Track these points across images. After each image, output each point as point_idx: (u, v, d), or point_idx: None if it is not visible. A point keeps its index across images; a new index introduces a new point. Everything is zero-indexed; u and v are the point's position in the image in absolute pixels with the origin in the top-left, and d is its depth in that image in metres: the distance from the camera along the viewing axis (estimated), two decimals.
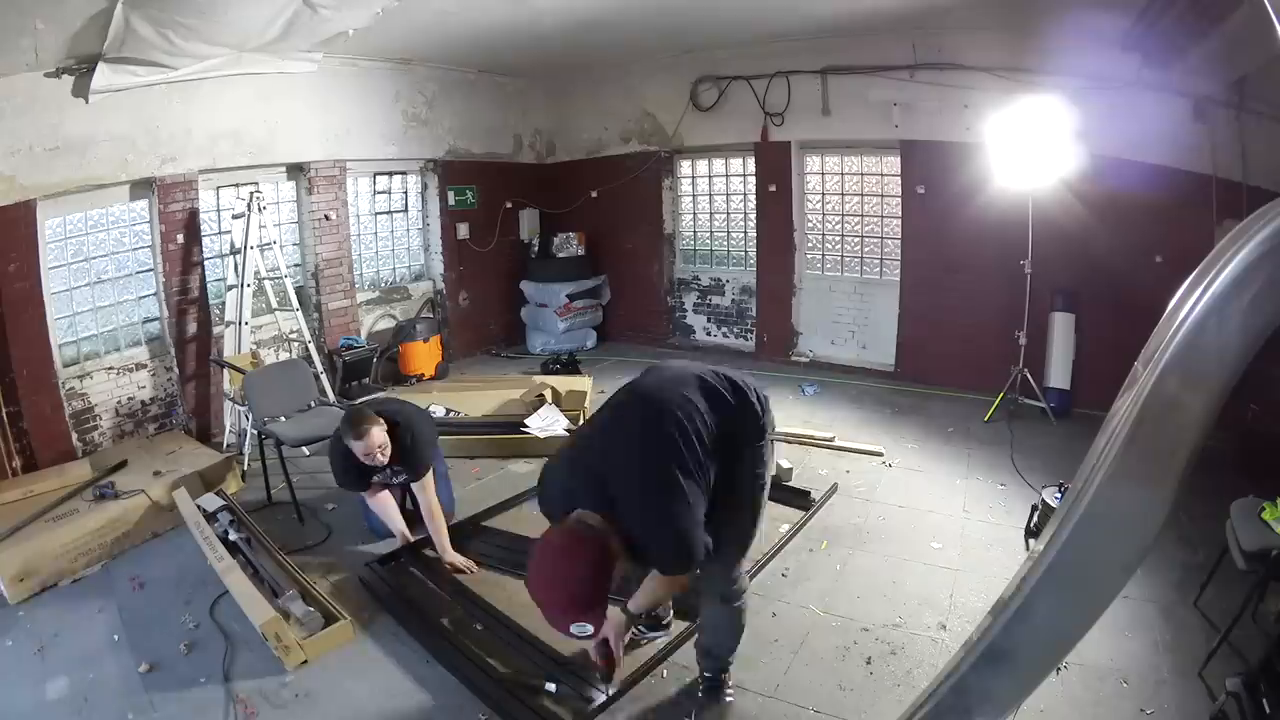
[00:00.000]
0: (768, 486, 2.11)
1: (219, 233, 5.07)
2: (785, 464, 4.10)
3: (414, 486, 3.12)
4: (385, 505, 3.23)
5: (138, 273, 4.65)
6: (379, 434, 2.89)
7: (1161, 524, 1.05)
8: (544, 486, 1.95)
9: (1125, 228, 4.53)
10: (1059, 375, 4.94)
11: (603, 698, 2.31)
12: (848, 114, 5.68)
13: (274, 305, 5.02)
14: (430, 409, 4.26)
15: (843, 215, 6.16)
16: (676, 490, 1.73)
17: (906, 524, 3.49)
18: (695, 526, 1.74)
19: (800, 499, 3.67)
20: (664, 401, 1.86)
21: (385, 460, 2.96)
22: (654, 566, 1.88)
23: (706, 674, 2.33)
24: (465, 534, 3.40)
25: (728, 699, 2.32)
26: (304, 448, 4.26)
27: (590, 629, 1.66)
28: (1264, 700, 1.91)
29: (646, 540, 1.74)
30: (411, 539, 3.27)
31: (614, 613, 1.90)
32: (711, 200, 6.90)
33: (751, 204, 6.52)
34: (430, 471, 3.13)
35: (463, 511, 3.62)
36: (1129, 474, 1.05)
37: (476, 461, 4.35)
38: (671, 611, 2.65)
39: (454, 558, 3.12)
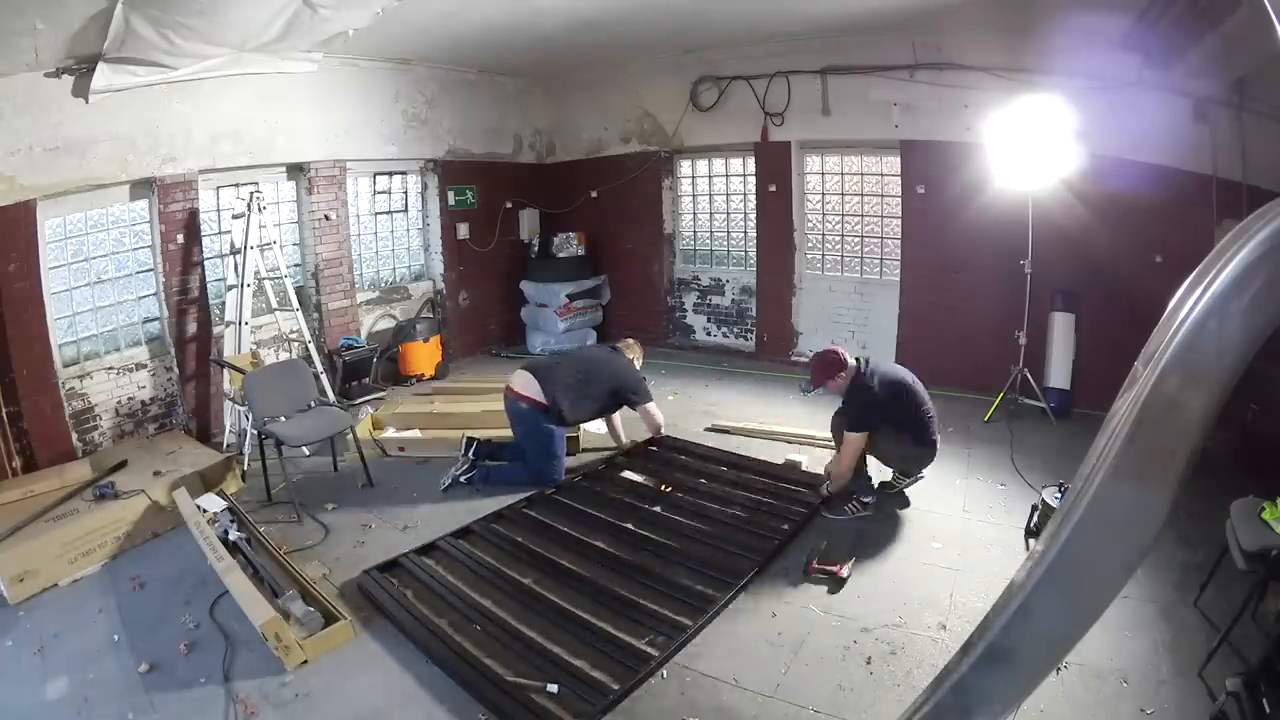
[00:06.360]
0: (900, 448, 3.61)
1: (219, 233, 5.07)
2: (796, 456, 4.19)
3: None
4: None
5: (138, 273, 4.65)
6: None
7: (1161, 524, 1.04)
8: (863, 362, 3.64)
9: (1125, 228, 4.53)
10: (1059, 375, 4.94)
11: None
12: (848, 114, 5.69)
13: (274, 305, 5.02)
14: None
15: (843, 215, 6.16)
16: (871, 398, 3.51)
17: (906, 524, 3.49)
18: (865, 416, 3.50)
19: (807, 494, 3.75)
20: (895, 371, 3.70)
21: None
22: (846, 416, 3.61)
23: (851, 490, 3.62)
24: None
25: (849, 510, 3.54)
26: (304, 448, 4.26)
27: (822, 391, 3.65)
28: (1264, 700, 1.91)
29: (850, 400, 3.59)
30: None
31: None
32: (711, 200, 6.90)
33: (751, 204, 6.52)
34: None
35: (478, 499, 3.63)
36: (1129, 474, 1.05)
37: None
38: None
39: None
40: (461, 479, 3.97)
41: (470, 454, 4.02)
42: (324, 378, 5.11)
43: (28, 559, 3.04)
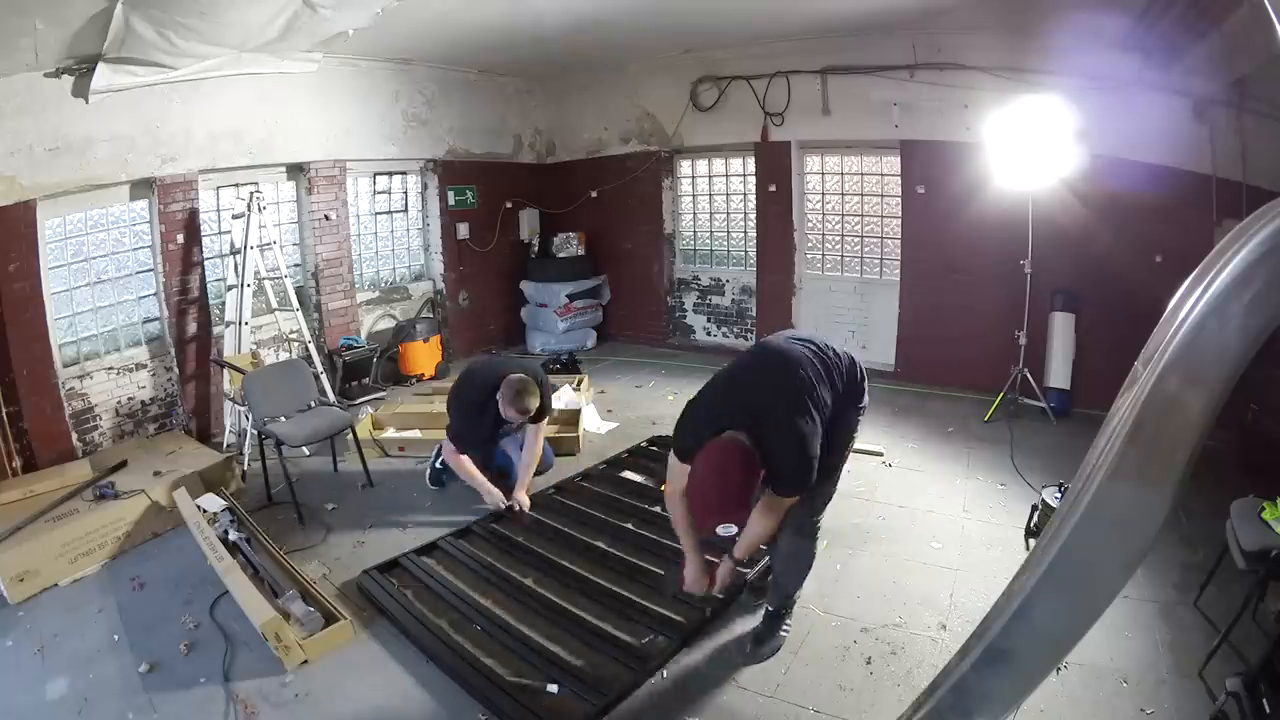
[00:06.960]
0: (849, 453, 2.50)
1: (219, 233, 5.07)
2: None
3: (530, 428, 3.63)
4: (473, 471, 3.61)
5: (138, 273, 4.65)
6: (534, 402, 3.42)
7: (1161, 524, 1.04)
8: (689, 420, 2.21)
9: (1125, 228, 4.53)
10: (1059, 375, 4.94)
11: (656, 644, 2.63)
12: (848, 114, 5.68)
13: (274, 305, 5.02)
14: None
15: (843, 215, 6.16)
16: (809, 421, 2.05)
17: (906, 524, 3.49)
18: (815, 456, 2.05)
19: None
20: (797, 354, 2.21)
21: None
22: (776, 484, 2.13)
23: (770, 606, 2.63)
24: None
25: (783, 633, 2.61)
26: (304, 448, 4.26)
27: (734, 530, 2.02)
28: (1264, 700, 1.91)
29: (780, 457, 2.03)
30: (504, 500, 3.60)
31: (725, 562, 2.47)
32: (711, 200, 6.89)
33: (751, 204, 6.52)
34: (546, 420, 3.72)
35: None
36: (1129, 474, 1.05)
37: None
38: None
39: (523, 497, 3.60)
40: (438, 464, 3.97)
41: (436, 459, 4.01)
42: (324, 378, 5.10)
43: (28, 559, 3.04)
